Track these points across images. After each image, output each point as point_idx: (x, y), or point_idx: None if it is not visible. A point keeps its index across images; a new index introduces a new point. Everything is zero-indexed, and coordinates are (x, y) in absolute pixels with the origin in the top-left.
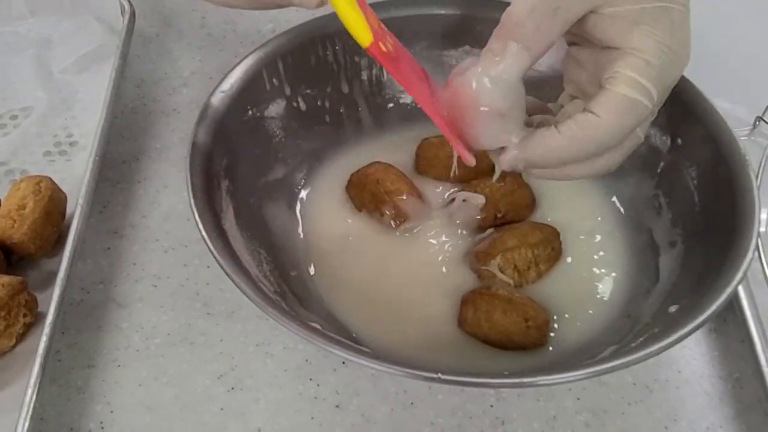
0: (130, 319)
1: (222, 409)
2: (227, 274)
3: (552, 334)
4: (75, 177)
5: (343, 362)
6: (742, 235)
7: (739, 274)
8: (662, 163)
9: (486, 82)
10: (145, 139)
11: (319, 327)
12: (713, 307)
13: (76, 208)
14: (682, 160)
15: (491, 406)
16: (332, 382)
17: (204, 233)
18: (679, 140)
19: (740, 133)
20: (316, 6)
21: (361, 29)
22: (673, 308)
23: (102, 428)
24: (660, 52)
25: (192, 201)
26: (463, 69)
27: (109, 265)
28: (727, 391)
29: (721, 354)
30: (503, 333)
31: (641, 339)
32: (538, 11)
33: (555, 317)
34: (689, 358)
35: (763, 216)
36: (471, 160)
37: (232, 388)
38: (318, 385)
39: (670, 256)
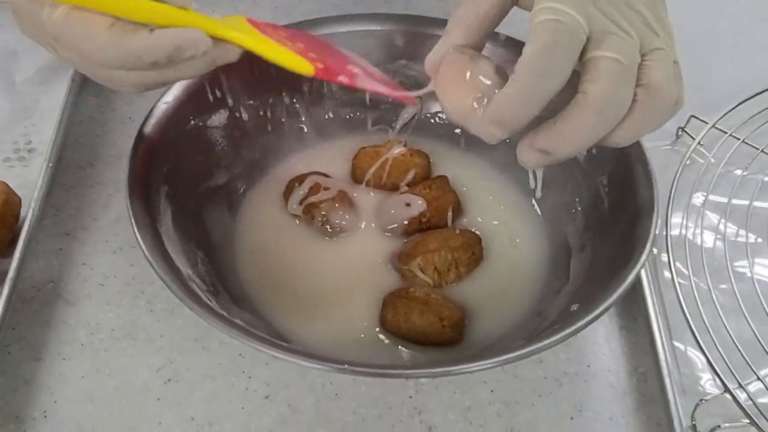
0: (77, 315)
1: (159, 399)
2: (156, 271)
3: (468, 332)
4: (31, 182)
5: (275, 356)
6: (639, 241)
7: (630, 277)
8: (579, 172)
9: None
10: (101, 146)
11: (240, 323)
12: (601, 308)
13: (28, 211)
14: (596, 169)
15: (410, 397)
16: (263, 375)
17: (137, 234)
18: (594, 150)
19: (665, 142)
20: (237, 57)
21: (299, 65)
22: (574, 307)
23: (45, 417)
24: None
25: (129, 204)
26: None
27: (60, 264)
28: (632, 384)
29: (629, 350)
30: (420, 332)
31: (544, 335)
32: None
33: (472, 316)
34: (599, 353)
35: (677, 220)
36: (414, 100)
37: (170, 380)
38: (250, 377)
39: (579, 259)
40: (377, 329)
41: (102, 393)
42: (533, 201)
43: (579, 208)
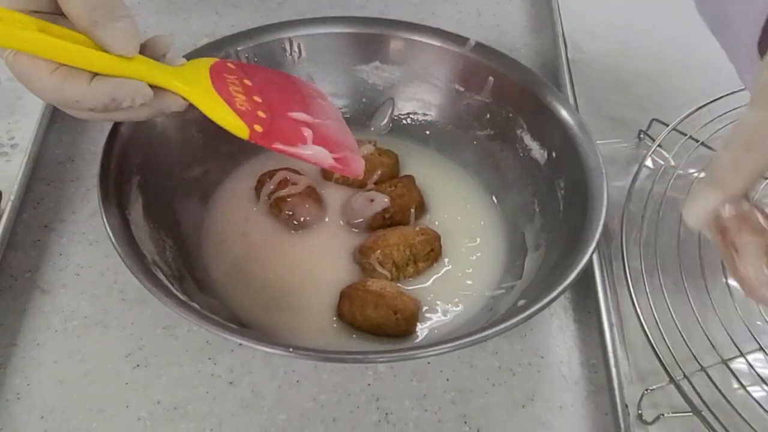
0: (52, 303)
1: (127, 383)
2: (118, 253)
3: (422, 325)
4: (12, 176)
5: (240, 344)
6: (586, 242)
7: (572, 276)
8: (539, 174)
9: None
10: (81, 143)
11: (197, 306)
12: (542, 303)
13: (8, 204)
14: (554, 172)
15: (369, 384)
16: (228, 361)
17: (104, 218)
18: (554, 153)
19: (627, 145)
20: (183, 108)
21: (235, 127)
22: (521, 302)
23: (18, 399)
24: None
25: (99, 191)
26: None
27: (37, 255)
28: (583, 374)
29: (581, 342)
30: (375, 324)
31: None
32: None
33: (426, 309)
34: (552, 345)
35: (634, 218)
36: (359, 173)
37: (138, 366)
38: (215, 363)
39: (533, 258)
40: (335, 320)
41: (73, 377)
42: (494, 199)
43: (537, 209)
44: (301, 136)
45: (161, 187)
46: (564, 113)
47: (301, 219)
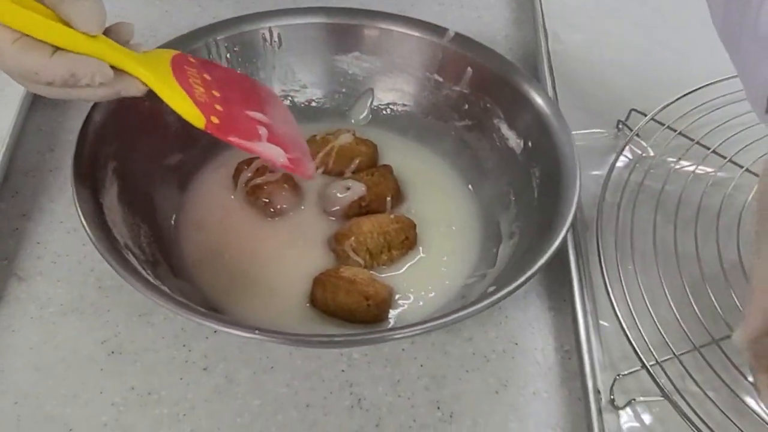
0: (28, 290)
1: (102, 369)
2: (89, 236)
3: (395, 312)
4: None
5: (215, 331)
6: (557, 230)
7: (540, 263)
8: (515, 163)
9: None
10: (60, 133)
11: (167, 290)
12: (508, 289)
13: None
14: (530, 161)
15: (342, 371)
16: (203, 348)
17: (77, 202)
18: (530, 143)
19: (606, 134)
20: (142, 93)
21: (192, 116)
22: (491, 288)
23: None
24: None
25: (72, 175)
26: None
27: (15, 243)
28: (557, 361)
29: (556, 330)
30: (347, 310)
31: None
32: None
33: (399, 296)
34: (527, 332)
35: (610, 207)
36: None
37: (113, 352)
38: (190, 350)
39: (507, 246)
40: (308, 306)
41: (48, 363)
42: (470, 188)
43: (513, 198)
44: (256, 133)
45: (138, 173)
46: (540, 103)
47: (278, 206)
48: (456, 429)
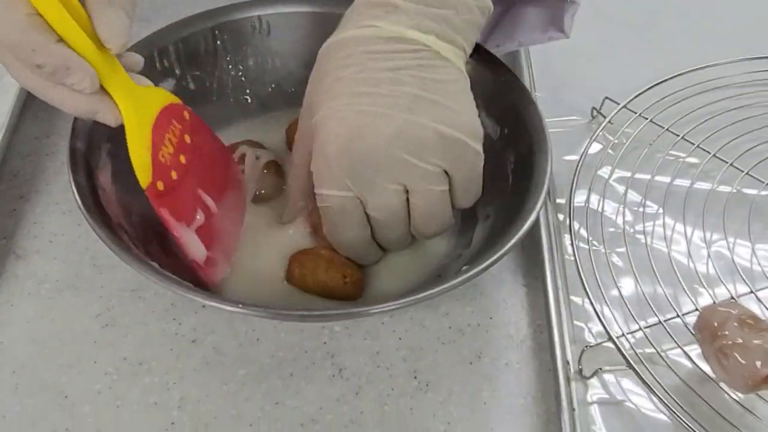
0: (26, 268)
1: (96, 342)
2: (82, 212)
3: (370, 292)
4: None
5: (203, 306)
6: (528, 211)
7: (511, 243)
8: (492, 149)
9: None
10: (56, 119)
11: (156, 266)
12: (479, 268)
13: None
14: (505, 147)
15: (324, 343)
16: (192, 321)
17: (71, 181)
18: (506, 130)
19: (581, 121)
20: (115, 125)
21: (141, 171)
22: (464, 268)
23: None
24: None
25: (68, 155)
26: None
27: (13, 223)
28: (529, 334)
29: (529, 305)
30: (324, 287)
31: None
32: None
33: (376, 277)
34: (502, 308)
35: (583, 190)
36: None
37: (107, 325)
38: (180, 324)
39: (482, 228)
40: (285, 284)
41: (44, 336)
42: None
43: (489, 182)
44: (191, 216)
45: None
46: (517, 93)
47: (257, 193)
48: (432, 397)
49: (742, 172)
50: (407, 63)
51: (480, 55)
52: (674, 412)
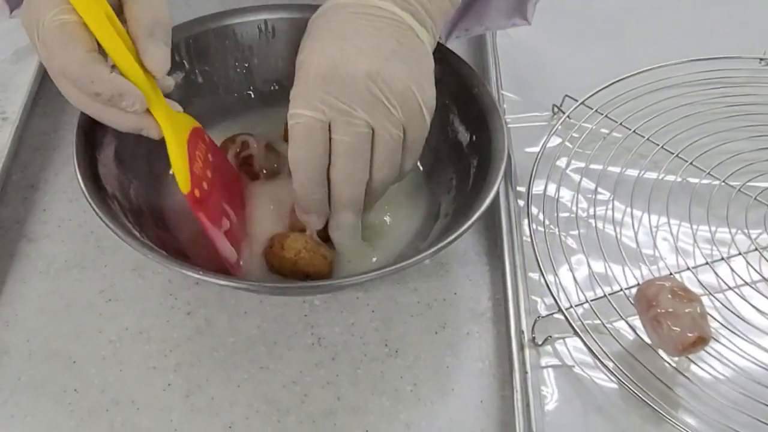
0: (37, 249)
1: (100, 314)
2: (79, 183)
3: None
4: (2, 144)
5: (196, 283)
6: (477, 209)
7: (463, 228)
8: (461, 154)
9: None
10: (63, 116)
11: (154, 246)
12: (440, 245)
13: None
14: (472, 152)
15: (305, 315)
16: (186, 296)
17: (75, 153)
18: (474, 136)
19: (543, 116)
20: (157, 138)
21: (183, 179)
22: (430, 245)
23: (7, 326)
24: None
25: (76, 132)
26: None
27: (25, 210)
28: (489, 307)
29: (490, 282)
30: (296, 269)
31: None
32: None
33: (340, 266)
34: (466, 284)
35: (542, 179)
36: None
37: (110, 300)
38: (175, 298)
39: (441, 224)
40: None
41: (54, 309)
42: (423, 173)
43: (454, 184)
44: (219, 222)
45: (135, 140)
46: (486, 101)
47: (264, 171)
48: (401, 362)
49: (687, 162)
50: (389, 29)
51: (459, 65)
52: (616, 375)
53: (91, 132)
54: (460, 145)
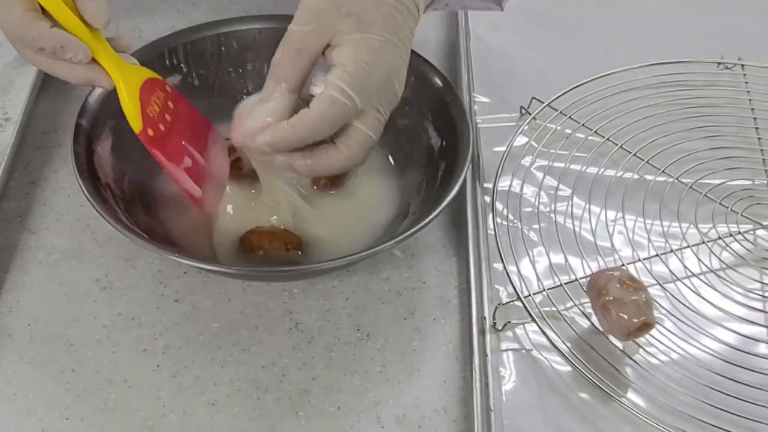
0: (38, 241)
1: (96, 301)
2: (75, 172)
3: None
4: (5, 144)
5: (185, 272)
6: (438, 207)
7: (424, 222)
8: (433, 158)
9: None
10: (62, 116)
11: (127, 221)
12: (385, 245)
13: (2, 164)
14: (441, 157)
15: (284, 302)
16: (175, 285)
17: (72, 144)
18: (445, 142)
19: (511, 117)
20: (110, 87)
21: (133, 119)
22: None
23: (10, 311)
24: (357, 65)
25: (76, 122)
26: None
27: (26, 205)
28: (454, 295)
29: (456, 272)
30: (269, 255)
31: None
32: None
33: (312, 253)
34: (434, 274)
35: (507, 176)
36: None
37: (105, 288)
38: (165, 287)
39: (408, 222)
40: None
41: (53, 296)
42: (395, 167)
43: (424, 185)
44: (179, 160)
45: (131, 135)
46: (456, 111)
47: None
48: (371, 345)
49: (643, 160)
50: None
51: (433, 75)
52: (569, 358)
53: (89, 126)
54: (432, 150)
